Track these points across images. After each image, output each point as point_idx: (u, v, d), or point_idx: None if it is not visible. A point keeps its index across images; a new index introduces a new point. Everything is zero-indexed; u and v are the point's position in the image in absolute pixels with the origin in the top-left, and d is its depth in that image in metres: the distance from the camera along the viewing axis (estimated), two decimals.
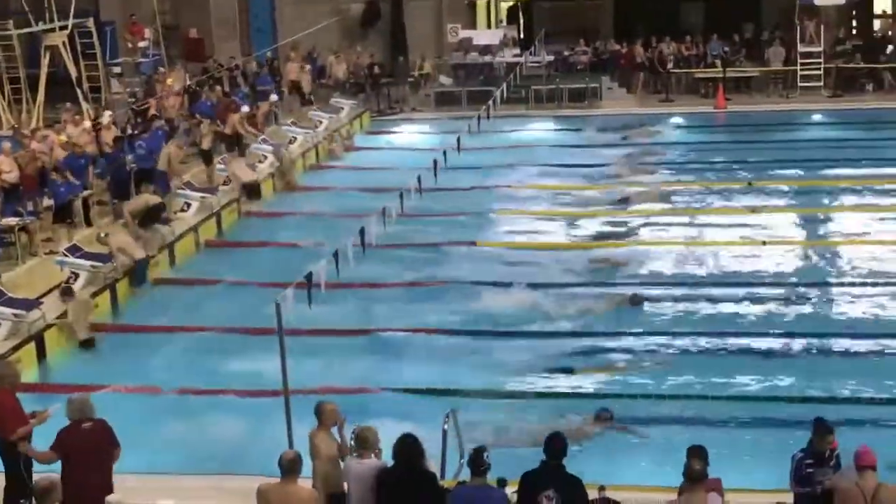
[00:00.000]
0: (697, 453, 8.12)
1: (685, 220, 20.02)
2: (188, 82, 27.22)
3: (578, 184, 22.77)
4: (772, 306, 15.34)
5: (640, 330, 14.58)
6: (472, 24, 34.32)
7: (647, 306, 15.40)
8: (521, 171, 23.71)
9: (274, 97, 26.92)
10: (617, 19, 34.81)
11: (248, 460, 10.73)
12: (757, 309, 15.26)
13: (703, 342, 14.05)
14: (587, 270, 17.17)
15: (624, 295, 15.67)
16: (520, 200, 21.74)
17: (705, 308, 15.43)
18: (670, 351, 13.90)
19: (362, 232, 13.50)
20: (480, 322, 15.05)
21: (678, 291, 16.17)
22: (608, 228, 19.57)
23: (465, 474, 8.64)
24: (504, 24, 35.75)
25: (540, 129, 28.38)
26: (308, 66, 30.05)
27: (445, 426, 10.31)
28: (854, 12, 33.66)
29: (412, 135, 28.55)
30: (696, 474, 7.79)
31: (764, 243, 18.05)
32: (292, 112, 28.30)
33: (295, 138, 25.48)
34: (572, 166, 24.01)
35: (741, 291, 15.87)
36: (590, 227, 19.77)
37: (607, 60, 32.22)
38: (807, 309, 15.29)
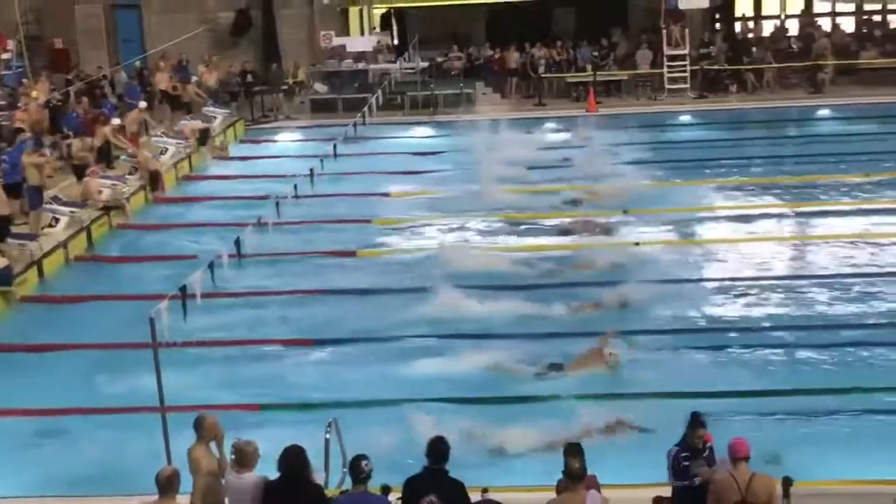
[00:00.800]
0: (575, 451, 8.23)
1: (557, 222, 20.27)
2: (53, 94, 26.47)
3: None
4: (642, 304, 15.51)
5: (503, 332, 14.69)
6: (346, 31, 34.22)
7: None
8: (400, 178, 23.67)
9: (143, 104, 26.30)
10: (490, 25, 35.12)
11: (125, 479, 10.46)
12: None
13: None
14: (472, 275, 17.14)
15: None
16: (399, 207, 21.70)
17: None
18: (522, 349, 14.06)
19: (237, 242, 13.34)
20: (363, 331, 14.95)
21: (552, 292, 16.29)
22: (489, 232, 19.70)
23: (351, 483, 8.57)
24: (377, 30, 35.71)
25: (415, 136, 28.42)
26: (195, 77, 29.63)
27: (327, 435, 10.24)
28: (717, 15, 34.68)
29: (288, 143, 28.31)
30: (575, 473, 7.88)
31: (637, 244, 18.41)
32: (163, 122, 27.75)
33: (166, 149, 24.99)
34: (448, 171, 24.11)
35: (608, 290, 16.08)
36: (470, 230, 19.86)
37: (481, 66, 32.52)
38: (676, 305, 15.59)
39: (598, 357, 13.26)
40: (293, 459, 8.11)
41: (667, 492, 8.89)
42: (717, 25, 34.78)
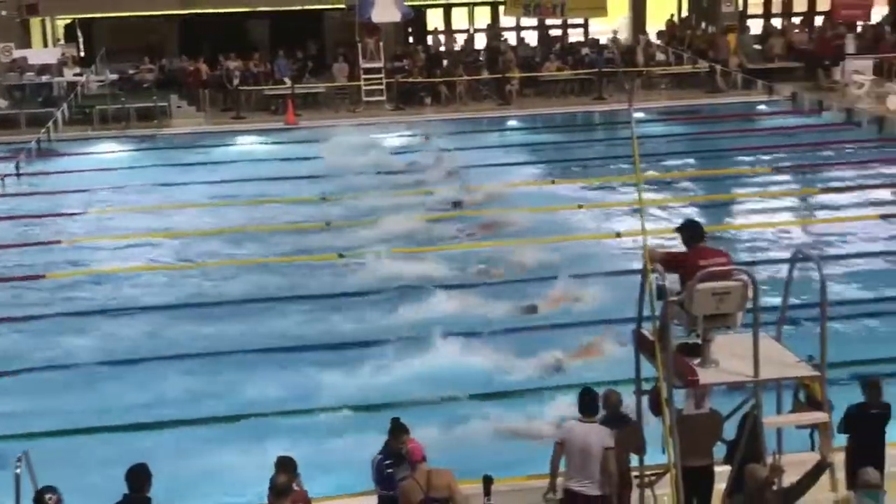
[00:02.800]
0: (284, 465, 8.13)
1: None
2: None
3: (157, 204, 22.17)
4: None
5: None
6: (27, 44, 32.46)
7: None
8: (94, 195, 22.66)
9: None
10: (183, 36, 34.35)
11: None
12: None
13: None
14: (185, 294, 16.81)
15: None
16: (93, 225, 20.76)
17: None
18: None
19: None
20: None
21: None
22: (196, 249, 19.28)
23: None
24: (62, 42, 34.08)
25: (111, 151, 27.32)
26: None
27: (18, 470, 9.60)
28: (410, 29, 35.56)
29: None
30: (279, 487, 7.79)
31: (368, 253, 18.44)
32: None
33: None
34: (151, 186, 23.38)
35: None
36: (174, 249, 19.34)
37: (174, 78, 31.73)
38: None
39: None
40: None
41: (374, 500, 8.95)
42: (411, 39, 35.75)
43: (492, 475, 9.15)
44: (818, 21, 36.87)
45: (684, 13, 37.89)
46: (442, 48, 34.61)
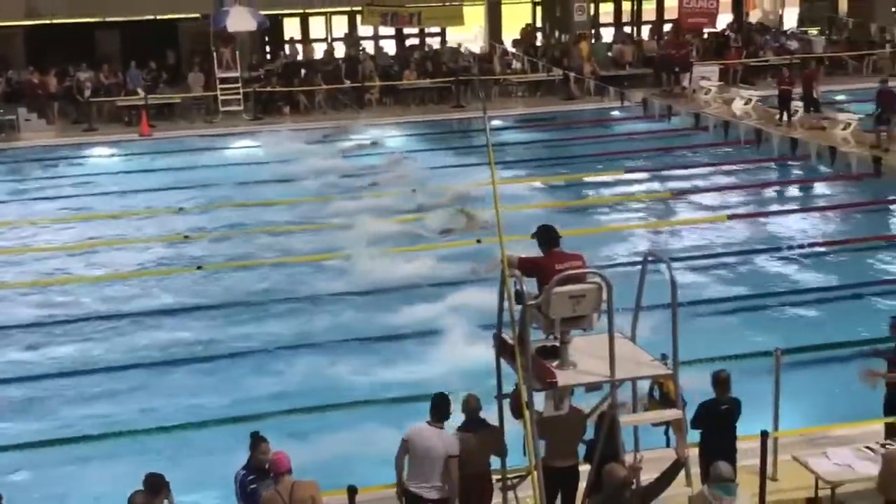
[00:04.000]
0: (150, 483, 7.98)
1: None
2: None
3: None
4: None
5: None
6: None
7: None
8: None
9: None
10: (29, 47, 33.25)
11: None
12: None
13: None
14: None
15: None
16: None
17: None
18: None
19: None
20: None
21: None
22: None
23: None
24: None
25: None
26: None
27: None
28: (267, 38, 35.24)
29: None
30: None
31: (199, 268, 18.26)
32: None
33: None
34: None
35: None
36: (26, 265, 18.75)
37: (21, 91, 30.69)
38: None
39: None
40: None
41: None
42: (268, 48, 35.45)
43: (356, 486, 9.14)
44: (667, 29, 38.01)
45: (538, 22, 38.58)
46: (300, 57, 34.37)
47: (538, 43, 36.40)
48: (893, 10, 38.30)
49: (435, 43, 37.14)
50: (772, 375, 10.23)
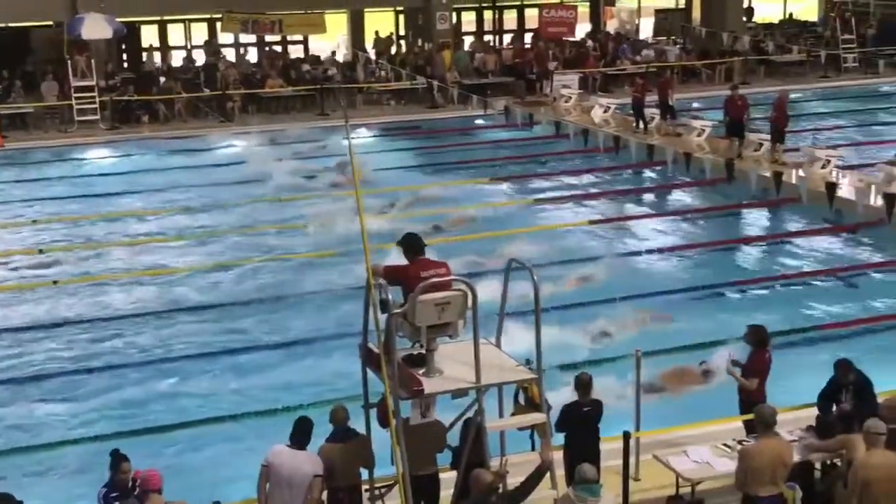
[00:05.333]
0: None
1: None
2: None
3: None
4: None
5: None
6: None
7: None
8: None
9: None
10: None
11: None
12: None
13: None
14: None
15: None
16: None
17: None
18: None
19: None
20: None
21: None
22: None
23: None
24: None
25: None
26: None
27: None
28: (123, 46, 34.42)
29: None
30: None
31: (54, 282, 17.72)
32: None
33: None
34: None
35: None
36: None
37: None
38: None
39: None
40: None
41: None
42: (125, 56, 34.63)
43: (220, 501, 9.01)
44: (527, 38, 38.59)
45: (401, 31, 38.71)
46: (158, 65, 33.68)
47: (402, 51, 36.53)
48: (744, 19, 39.72)
49: (297, 51, 36.88)
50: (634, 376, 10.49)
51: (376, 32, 37.45)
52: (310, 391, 13.06)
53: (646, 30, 41.26)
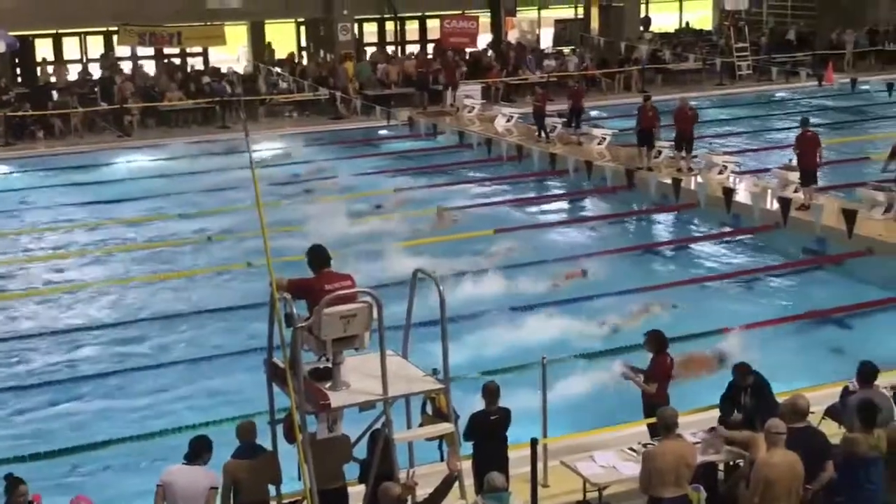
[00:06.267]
0: None
1: None
2: None
3: None
4: None
5: None
6: None
7: None
8: None
9: None
10: None
11: None
12: None
13: None
14: None
15: None
16: None
17: None
18: None
19: None
20: None
21: None
22: None
23: None
24: None
25: None
26: None
27: None
28: (17, 60, 33.59)
29: None
30: None
31: None
32: None
33: None
34: None
35: None
36: None
37: None
38: None
39: None
40: None
41: None
42: (18, 70, 33.81)
43: None
44: (429, 48, 38.74)
45: (303, 42, 38.52)
46: (53, 79, 32.93)
47: (304, 62, 36.36)
48: (641, 28, 40.42)
49: (197, 63, 36.42)
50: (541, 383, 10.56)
51: (268, 44, 37.20)
52: (216, 408, 12.90)
53: (546, 40, 41.70)
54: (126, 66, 34.68)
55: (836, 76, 33.37)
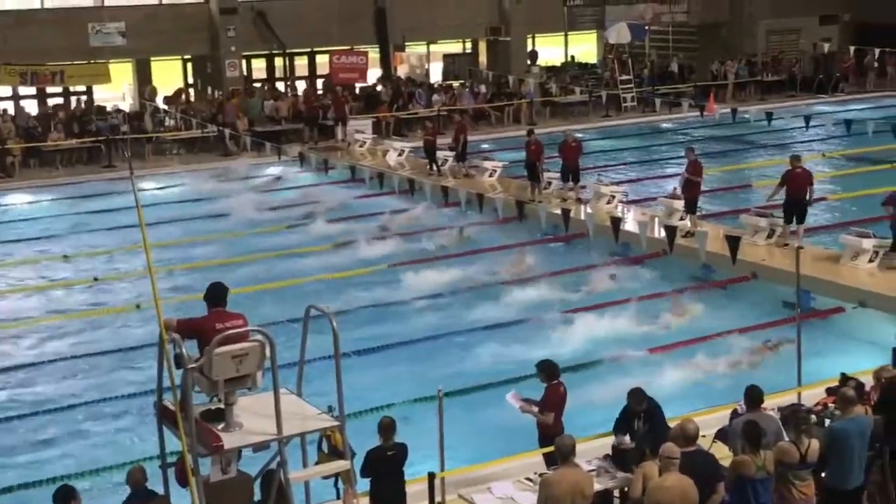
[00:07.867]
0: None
1: None
2: None
3: None
4: None
5: None
6: None
7: None
8: None
9: None
10: None
11: None
12: None
13: None
14: None
15: None
16: None
17: None
18: None
19: None
20: None
21: None
22: None
23: None
24: None
25: None
26: None
27: None
28: None
29: None
30: None
31: None
32: None
33: None
34: None
35: None
36: None
37: None
38: None
39: None
40: None
41: None
42: None
43: None
44: (319, 84, 38.69)
45: (190, 79, 38.13)
46: None
47: (192, 99, 35.97)
48: (528, 62, 41.02)
49: (81, 102, 35.70)
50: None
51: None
52: (104, 454, 12.57)
53: (435, 74, 42.04)
54: (8, 106, 33.79)
55: (717, 106, 34.29)
